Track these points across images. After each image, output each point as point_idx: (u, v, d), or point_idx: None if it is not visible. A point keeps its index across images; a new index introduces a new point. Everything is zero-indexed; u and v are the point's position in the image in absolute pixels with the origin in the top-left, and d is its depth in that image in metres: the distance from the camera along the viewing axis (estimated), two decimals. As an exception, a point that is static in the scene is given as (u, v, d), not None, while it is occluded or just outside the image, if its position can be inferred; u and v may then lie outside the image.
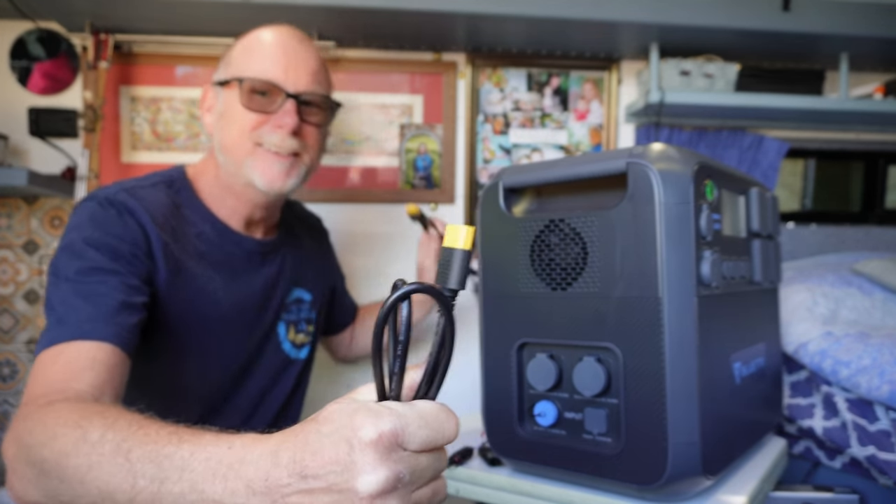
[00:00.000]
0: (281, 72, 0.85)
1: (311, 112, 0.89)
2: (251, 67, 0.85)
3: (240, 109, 0.85)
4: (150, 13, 1.41)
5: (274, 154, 0.86)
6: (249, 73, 0.85)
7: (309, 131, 0.90)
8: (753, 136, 1.79)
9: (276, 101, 0.85)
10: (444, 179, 1.70)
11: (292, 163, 0.88)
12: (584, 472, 0.73)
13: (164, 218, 0.83)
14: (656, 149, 0.69)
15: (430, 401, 0.45)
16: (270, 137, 0.86)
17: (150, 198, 0.84)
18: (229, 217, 0.93)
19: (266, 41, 0.87)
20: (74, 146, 1.55)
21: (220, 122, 0.89)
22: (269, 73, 0.85)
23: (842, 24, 1.53)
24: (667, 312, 0.66)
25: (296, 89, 0.86)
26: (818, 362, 1.13)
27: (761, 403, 0.91)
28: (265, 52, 0.86)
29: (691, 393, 0.66)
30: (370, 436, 0.39)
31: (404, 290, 0.41)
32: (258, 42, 0.88)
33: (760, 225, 0.87)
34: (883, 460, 1.04)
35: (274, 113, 0.85)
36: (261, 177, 0.86)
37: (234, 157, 0.87)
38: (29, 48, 1.55)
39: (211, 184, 0.92)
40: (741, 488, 0.77)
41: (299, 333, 1.03)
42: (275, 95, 0.85)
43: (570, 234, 0.73)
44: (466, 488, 0.85)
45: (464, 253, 0.43)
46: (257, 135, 0.86)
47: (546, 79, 1.74)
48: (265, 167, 0.86)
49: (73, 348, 0.68)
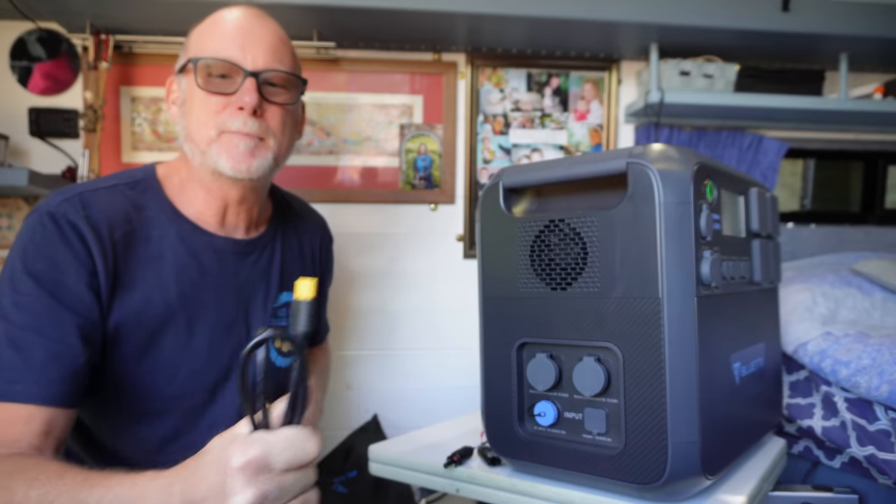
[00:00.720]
0: (237, 50, 0.79)
1: (273, 91, 0.82)
2: (206, 48, 0.80)
3: (199, 94, 0.80)
4: (150, 14, 1.41)
5: (240, 135, 0.80)
6: (205, 54, 0.80)
7: (273, 112, 0.82)
8: (753, 136, 1.79)
9: (235, 82, 0.79)
10: (444, 179, 1.70)
11: (256, 143, 0.81)
12: (584, 472, 0.73)
13: (116, 225, 0.78)
14: (656, 149, 0.70)
15: (294, 426, 0.53)
16: (233, 121, 0.79)
17: (100, 203, 0.78)
18: (201, 214, 0.86)
19: (220, 20, 0.82)
20: (75, 146, 1.55)
21: (183, 111, 0.83)
22: (224, 51, 0.79)
23: (841, 24, 1.53)
24: (667, 312, 0.66)
25: (254, 67, 0.80)
26: (818, 362, 1.13)
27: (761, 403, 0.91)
28: (220, 30, 0.81)
29: (691, 393, 0.67)
30: (238, 462, 0.49)
31: (257, 339, 0.49)
32: (212, 22, 0.83)
33: (760, 225, 0.87)
34: (882, 460, 1.04)
35: (234, 94, 0.79)
36: (226, 161, 0.79)
37: (199, 145, 0.81)
38: (29, 48, 1.55)
39: (182, 181, 0.86)
40: (741, 488, 0.77)
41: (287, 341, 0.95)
42: (233, 75, 0.80)
43: (570, 234, 0.73)
44: (466, 488, 0.85)
45: (308, 303, 0.52)
46: (220, 120, 0.79)
47: (546, 79, 1.75)
48: (229, 149, 0.79)
49: (6, 409, 0.67)
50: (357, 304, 1.70)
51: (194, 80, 0.80)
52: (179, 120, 0.85)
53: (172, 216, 0.84)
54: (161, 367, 0.80)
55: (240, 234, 0.90)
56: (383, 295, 1.71)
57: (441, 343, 1.72)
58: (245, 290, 0.89)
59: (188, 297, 0.82)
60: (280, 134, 0.84)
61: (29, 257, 0.72)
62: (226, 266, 0.87)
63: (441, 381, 1.72)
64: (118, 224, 0.78)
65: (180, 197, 0.86)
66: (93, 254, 0.74)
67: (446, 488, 0.87)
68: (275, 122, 0.83)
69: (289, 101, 0.85)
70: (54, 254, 0.73)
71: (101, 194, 0.79)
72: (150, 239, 0.81)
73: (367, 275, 1.70)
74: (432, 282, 1.72)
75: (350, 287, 1.70)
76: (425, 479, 0.88)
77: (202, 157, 0.81)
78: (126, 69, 1.57)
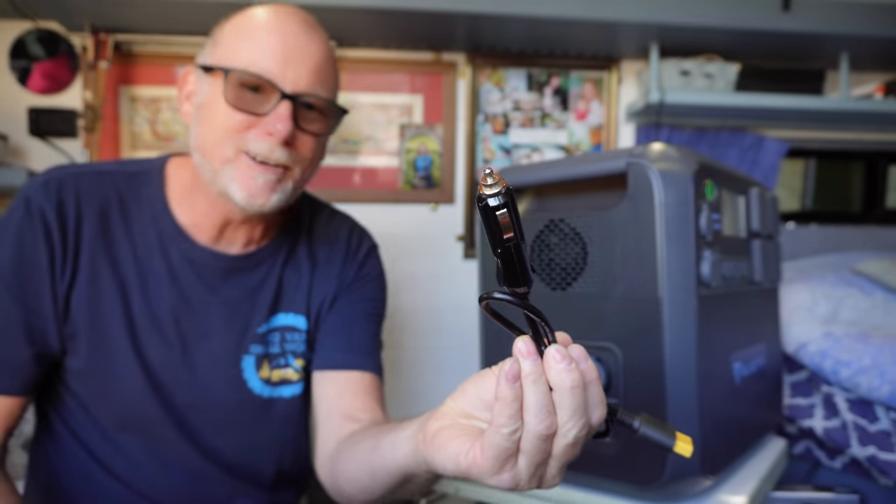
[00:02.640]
0: (277, 65, 0.68)
1: (310, 118, 0.71)
2: (241, 56, 0.68)
3: (223, 106, 0.68)
4: (149, 13, 1.41)
5: (259, 164, 0.69)
6: (239, 64, 0.68)
7: (304, 141, 0.71)
8: (753, 136, 1.79)
9: (268, 102, 0.68)
10: (444, 179, 1.70)
11: (279, 176, 0.70)
12: (584, 472, 0.73)
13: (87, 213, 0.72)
14: (656, 149, 0.69)
15: None
16: (257, 145, 0.68)
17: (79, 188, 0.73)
18: (197, 223, 0.77)
19: (262, 24, 0.70)
20: (74, 146, 1.55)
21: (200, 115, 0.71)
22: (262, 65, 0.67)
23: (842, 24, 1.53)
24: (667, 312, 0.66)
25: (294, 89, 0.69)
26: (818, 362, 1.13)
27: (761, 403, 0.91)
28: (260, 38, 0.69)
29: (691, 393, 0.66)
30: None
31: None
32: (252, 24, 0.70)
33: (760, 225, 0.87)
34: (883, 460, 1.04)
35: (265, 115, 0.68)
36: (239, 190, 0.69)
37: (211, 162, 0.70)
38: (29, 48, 1.55)
39: (186, 181, 0.77)
40: (741, 488, 0.77)
41: (279, 369, 0.81)
42: (268, 94, 0.68)
43: (570, 234, 0.73)
44: (466, 488, 0.85)
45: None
46: (242, 139, 0.69)
47: (546, 79, 1.74)
48: (246, 179, 0.69)
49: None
50: (357, 304, 1.70)
51: (221, 88, 0.69)
52: (193, 122, 0.73)
53: (160, 216, 0.76)
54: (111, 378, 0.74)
55: (235, 248, 0.79)
56: (383, 295, 1.71)
57: (441, 343, 1.72)
58: (220, 309, 0.78)
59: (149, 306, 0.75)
60: (308, 164, 0.74)
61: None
62: (200, 279, 0.77)
63: (441, 381, 1.72)
64: (91, 216, 0.73)
65: (182, 199, 0.77)
66: (54, 249, 0.71)
67: (446, 488, 0.87)
68: (305, 153, 0.72)
69: (325, 130, 0.74)
70: (18, 242, 0.70)
71: (86, 179, 0.74)
72: (126, 234, 0.75)
73: (366, 275, 1.70)
74: (432, 282, 1.72)
75: (350, 287, 1.70)
76: (425, 480, 0.88)
77: (212, 174, 0.71)
78: (125, 69, 1.57)
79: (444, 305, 1.72)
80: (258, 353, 0.80)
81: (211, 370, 0.77)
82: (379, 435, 0.64)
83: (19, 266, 0.70)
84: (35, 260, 0.70)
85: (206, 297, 0.77)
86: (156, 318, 0.74)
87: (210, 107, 0.70)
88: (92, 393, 0.74)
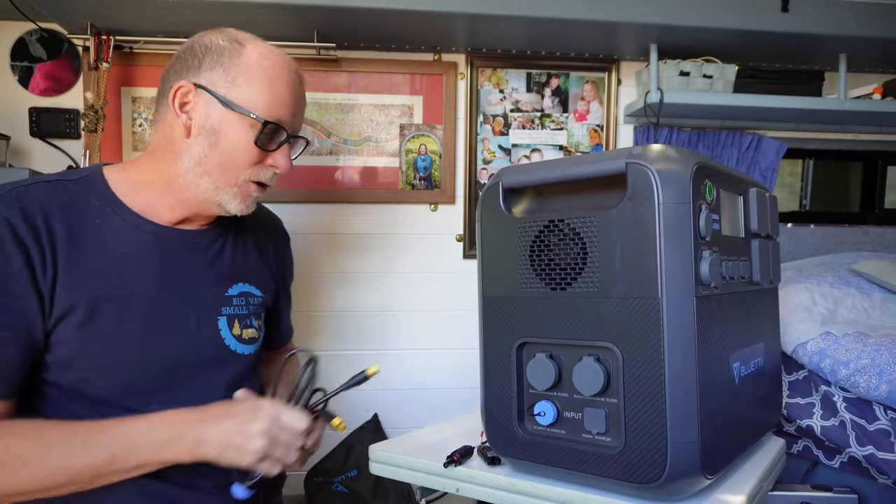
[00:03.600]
0: (290, 114, 0.86)
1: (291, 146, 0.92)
2: (272, 108, 0.83)
3: (247, 144, 0.83)
4: (150, 14, 1.41)
5: (259, 187, 0.87)
6: (273, 116, 0.83)
7: None
8: (752, 136, 1.80)
9: (276, 141, 0.86)
10: (445, 180, 1.70)
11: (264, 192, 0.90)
12: (584, 472, 0.73)
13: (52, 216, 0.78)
14: (655, 149, 0.70)
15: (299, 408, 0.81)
16: (266, 174, 0.87)
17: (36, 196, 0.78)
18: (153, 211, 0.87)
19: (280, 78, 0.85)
20: (76, 147, 1.56)
21: (210, 140, 0.83)
22: (281, 115, 0.84)
23: (840, 25, 1.53)
24: (666, 312, 0.66)
25: (294, 131, 0.88)
26: (817, 362, 1.14)
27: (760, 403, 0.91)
28: (282, 93, 0.85)
29: (691, 392, 0.67)
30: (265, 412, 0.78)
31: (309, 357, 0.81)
32: (271, 76, 0.84)
33: (759, 225, 0.87)
34: (882, 459, 1.04)
35: (272, 152, 0.86)
36: (237, 206, 0.86)
37: (215, 182, 0.84)
38: (30, 49, 1.55)
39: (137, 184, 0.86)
40: (740, 487, 0.78)
41: (247, 329, 0.95)
42: (278, 135, 0.86)
43: (570, 234, 0.73)
44: (466, 488, 0.85)
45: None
46: (254, 172, 0.85)
47: (546, 79, 1.75)
48: (245, 198, 0.86)
49: None
50: (357, 304, 1.70)
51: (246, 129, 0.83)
52: (195, 141, 0.83)
53: (116, 207, 0.85)
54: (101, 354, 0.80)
55: (194, 226, 0.91)
56: (383, 295, 1.71)
57: (441, 343, 1.73)
58: (197, 278, 0.89)
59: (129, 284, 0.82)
60: None
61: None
62: (169, 254, 0.87)
63: (441, 381, 1.72)
64: (55, 215, 0.78)
65: (130, 195, 0.86)
66: (29, 250, 0.75)
67: (446, 488, 0.87)
68: None
69: None
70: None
71: (38, 188, 0.80)
72: (91, 228, 0.81)
73: (367, 275, 1.70)
74: (432, 282, 1.72)
75: (350, 287, 1.70)
76: (425, 479, 0.89)
77: (213, 192, 0.85)
78: (127, 69, 1.57)
79: (444, 305, 1.72)
80: (229, 314, 0.93)
81: (194, 333, 0.88)
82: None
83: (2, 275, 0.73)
84: (11, 264, 0.74)
85: (178, 268, 0.88)
86: (137, 295, 0.83)
87: (229, 140, 0.83)
88: (77, 378, 0.79)
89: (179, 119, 0.83)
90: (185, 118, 0.83)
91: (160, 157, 0.86)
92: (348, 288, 1.70)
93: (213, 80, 0.82)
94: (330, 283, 1.69)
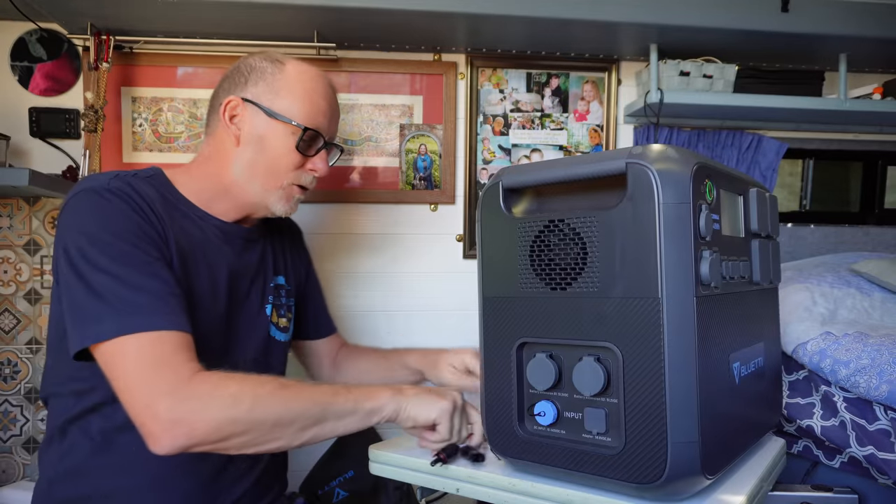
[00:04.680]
0: (326, 122, 0.99)
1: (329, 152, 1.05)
2: (310, 116, 0.96)
3: (289, 149, 0.96)
4: (151, 14, 1.41)
5: (301, 190, 1.00)
6: (311, 123, 0.96)
7: None
8: (752, 136, 1.80)
9: (315, 147, 0.99)
10: (445, 180, 1.70)
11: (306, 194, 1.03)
12: (584, 472, 0.73)
13: (157, 204, 0.88)
14: (655, 149, 0.70)
15: None
16: (306, 178, 0.99)
17: (140, 186, 0.87)
18: (218, 213, 0.99)
19: (319, 92, 0.98)
20: (76, 147, 1.56)
21: (257, 147, 0.95)
22: (319, 123, 0.97)
23: (841, 25, 1.53)
24: (666, 312, 0.66)
25: (330, 138, 1.02)
26: (817, 362, 1.14)
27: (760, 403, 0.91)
28: (319, 103, 0.98)
29: (691, 393, 0.67)
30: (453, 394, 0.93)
31: None
32: (312, 91, 0.97)
33: (759, 225, 0.87)
34: (882, 459, 1.04)
35: (311, 157, 0.99)
36: (283, 207, 0.98)
37: (263, 186, 0.96)
38: (30, 49, 1.55)
39: (197, 187, 0.97)
40: (740, 488, 0.78)
41: (282, 318, 1.09)
42: (316, 142, 0.99)
43: (570, 234, 0.73)
44: (466, 487, 0.85)
45: None
46: (296, 176, 0.98)
47: (546, 79, 1.75)
48: (289, 199, 0.99)
49: (153, 338, 0.75)
50: (357, 304, 1.70)
51: (289, 136, 0.95)
52: (244, 148, 0.96)
53: (191, 207, 0.96)
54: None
55: (247, 224, 1.04)
56: (383, 295, 1.71)
57: (441, 343, 1.72)
58: (253, 270, 1.04)
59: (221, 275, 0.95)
60: None
61: (108, 223, 0.80)
62: (238, 248, 1.01)
63: (441, 381, 1.72)
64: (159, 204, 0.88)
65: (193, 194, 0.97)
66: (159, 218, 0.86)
67: (446, 488, 0.87)
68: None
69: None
70: (129, 216, 0.82)
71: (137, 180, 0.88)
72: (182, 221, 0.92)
73: (366, 275, 1.70)
74: (432, 282, 1.72)
75: (350, 287, 1.70)
76: (425, 479, 0.89)
77: (261, 195, 0.97)
78: (127, 69, 1.57)
79: (444, 305, 1.72)
80: (272, 303, 1.07)
81: (252, 320, 1.02)
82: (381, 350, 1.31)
83: (141, 231, 0.82)
84: (151, 224, 0.84)
85: (243, 261, 1.02)
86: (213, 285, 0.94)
87: (273, 146, 0.95)
88: None
89: (230, 130, 0.96)
90: (235, 129, 0.96)
91: (214, 165, 0.98)
92: (348, 288, 1.70)
93: (258, 94, 0.95)
94: (329, 283, 1.69)
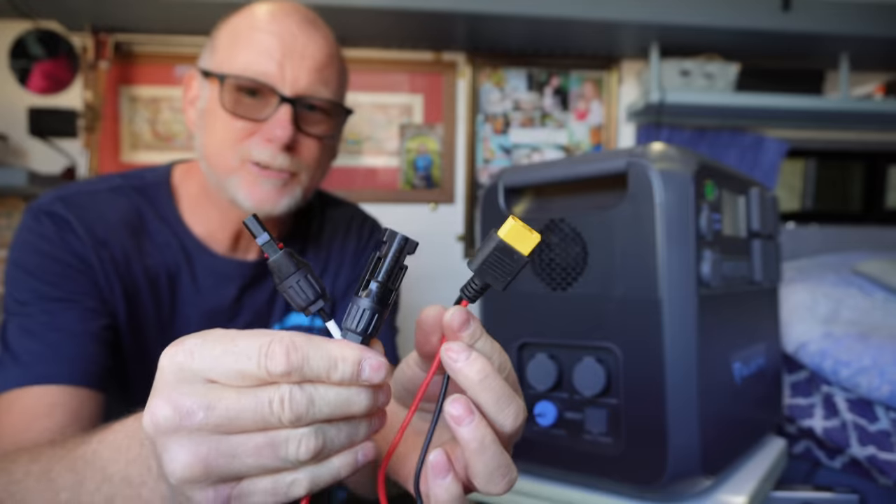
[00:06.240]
0: (275, 67, 0.65)
1: (312, 120, 0.69)
2: (238, 59, 0.65)
3: (222, 115, 0.66)
4: (150, 13, 1.41)
5: (263, 170, 0.67)
6: (234, 69, 0.65)
7: (308, 145, 0.69)
8: (754, 135, 1.79)
9: (268, 106, 0.66)
10: (444, 179, 1.70)
11: (285, 181, 0.68)
12: (584, 472, 0.73)
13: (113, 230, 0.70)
14: (656, 149, 0.69)
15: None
16: (260, 152, 0.66)
17: (99, 207, 0.70)
18: (212, 233, 0.75)
19: (258, 24, 0.66)
20: (74, 146, 1.55)
21: (203, 123, 0.70)
22: (258, 68, 0.65)
23: (842, 24, 1.53)
24: (667, 313, 0.66)
25: (293, 91, 0.66)
26: (818, 362, 1.13)
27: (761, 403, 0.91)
28: (256, 39, 0.66)
29: (691, 393, 0.66)
30: None
31: None
32: (248, 24, 0.67)
33: (760, 225, 0.87)
34: (883, 460, 1.04)
35: (264, 121, 0.66)
36: (246, 198, 0.68)
37: (217, 172, 0.69)
38: (29, 48, 1.55)
39: (195, 191, 0.75)
40: (741, 488, 0.77)
41: None
42: (267, 98, 0.66)
43: (570, 234, 0.73)
44: (466, 488, 0.85)
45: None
46: (244, 148, 0.67)
47: (546, 79, 1.74)
48: (251, 186, 0.68)
49: (30, 394, 0.61)
50: (357, 304, 1.70)
51: (218, 95, 0.66)
52: (197, 130, 0.71)
53: (179, 230, 0.74)
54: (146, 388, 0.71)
55: (252, 255, 0.78)
56: (383, 295, 1.71)
57: (441, 343, 1.72)
58: (246, 316, 0.78)
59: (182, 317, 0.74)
60: (314, 169, 0.71)
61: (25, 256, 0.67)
62: (226, 292, 0.76)
63: (441, 381, 1.72)
64: (120, 229, 0.70)
65: (194, 210, 0.75)
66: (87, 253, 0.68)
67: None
68: (309, 157, 0.70)
69: (328, 132, 0.71)
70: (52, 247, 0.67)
71: (102, 197, 0.71)
72: (148, 249, 0.72)
73: (366, 275, 1.70)
74: (432, 282, 1.72)
75: (350, 287, 1.70)
76: (425, 480, 0.88)
77: (218, 182, 0.70)
78: (125, 69, 1.57)
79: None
80: None
81: None
82: None
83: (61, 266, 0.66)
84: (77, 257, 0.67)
85: (231, 305, 0.77)
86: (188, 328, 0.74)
87: (211, 115, 0.68)
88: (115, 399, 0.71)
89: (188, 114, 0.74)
90: (192, 112, 0.73)
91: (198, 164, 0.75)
92: (348, 288, 1.70)
93: (203, 59, 0.71)
94: (330, 282, 1.69)
